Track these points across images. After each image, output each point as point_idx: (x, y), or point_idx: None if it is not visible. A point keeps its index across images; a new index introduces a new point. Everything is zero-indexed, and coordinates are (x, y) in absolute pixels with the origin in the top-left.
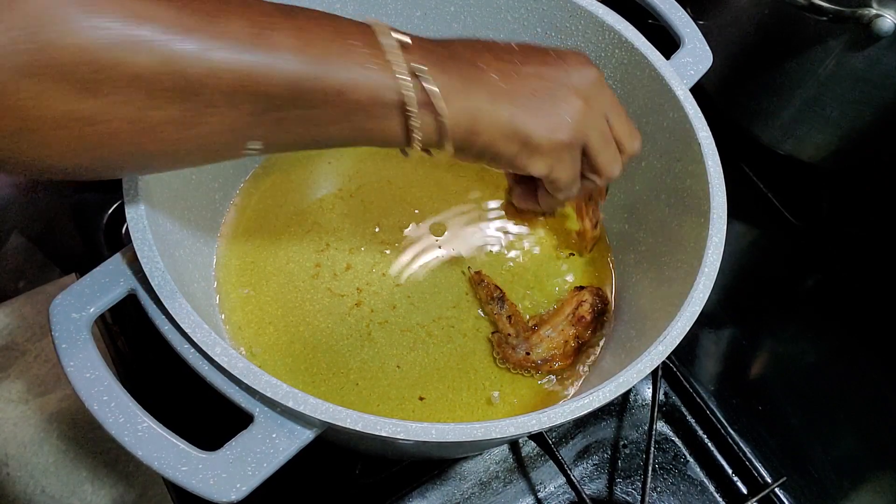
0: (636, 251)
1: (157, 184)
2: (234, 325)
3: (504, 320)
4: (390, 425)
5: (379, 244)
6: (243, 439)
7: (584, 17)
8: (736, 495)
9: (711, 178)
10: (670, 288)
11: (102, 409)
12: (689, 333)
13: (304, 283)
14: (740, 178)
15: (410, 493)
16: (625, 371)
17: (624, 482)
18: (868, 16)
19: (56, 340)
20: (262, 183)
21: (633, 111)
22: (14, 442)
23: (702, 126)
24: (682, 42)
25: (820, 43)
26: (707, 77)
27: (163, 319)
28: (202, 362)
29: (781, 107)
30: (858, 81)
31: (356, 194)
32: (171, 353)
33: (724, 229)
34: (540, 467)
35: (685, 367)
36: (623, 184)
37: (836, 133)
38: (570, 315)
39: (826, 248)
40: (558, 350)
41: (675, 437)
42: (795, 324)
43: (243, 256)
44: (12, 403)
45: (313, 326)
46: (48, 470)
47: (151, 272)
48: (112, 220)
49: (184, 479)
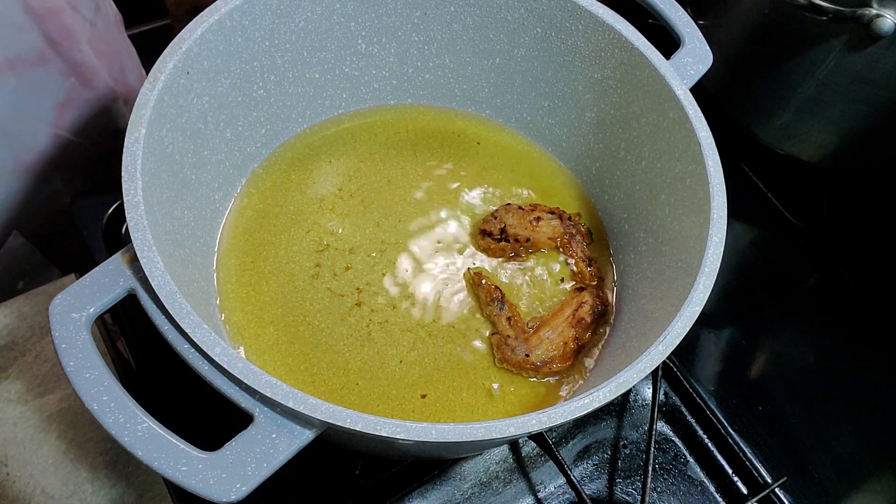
0: (636, 251)
1: (157, 184)
2: (234, 325)
3: (503, 321)
4: (390, 425)
5: (379, 244)
6: (243, 439)
7: (584, 17)
8: (736, 495)
9: (711, 178)
10: (670, 288)
11: (102, 409)
12: (689, 333)
13: (304, 283)
14: (740, 178)
15: (410, 493)
16: (625, 371)
17: (624, 482)
18: (868, 16)
19: (56, 340)
20: (262, 183)
21: (633, 111)
22: (14, 442)
23: (702, 126)
24: (682, 42)
25: (820, 43)
26: (707, 77)
27: (163, 319)
28: (202, 362)
29: (781, 107)
30: (858, 81)
31: (356, 194)
32: (171, 353)
33: (724, 229)
34: (540, 467)
35: (685, 367)
36: (623, 184)
37: (836, 133)
38: (569, 317)
39: (826, 248)
40: (558, 352)
41: (675, 437)
42: (795, 324)
43: (243, 256)
44: (12, 403)
45: (313, 326)
46: (48, 470)
47: (151, 272)
48: (112, 220)
49: (184, 479)
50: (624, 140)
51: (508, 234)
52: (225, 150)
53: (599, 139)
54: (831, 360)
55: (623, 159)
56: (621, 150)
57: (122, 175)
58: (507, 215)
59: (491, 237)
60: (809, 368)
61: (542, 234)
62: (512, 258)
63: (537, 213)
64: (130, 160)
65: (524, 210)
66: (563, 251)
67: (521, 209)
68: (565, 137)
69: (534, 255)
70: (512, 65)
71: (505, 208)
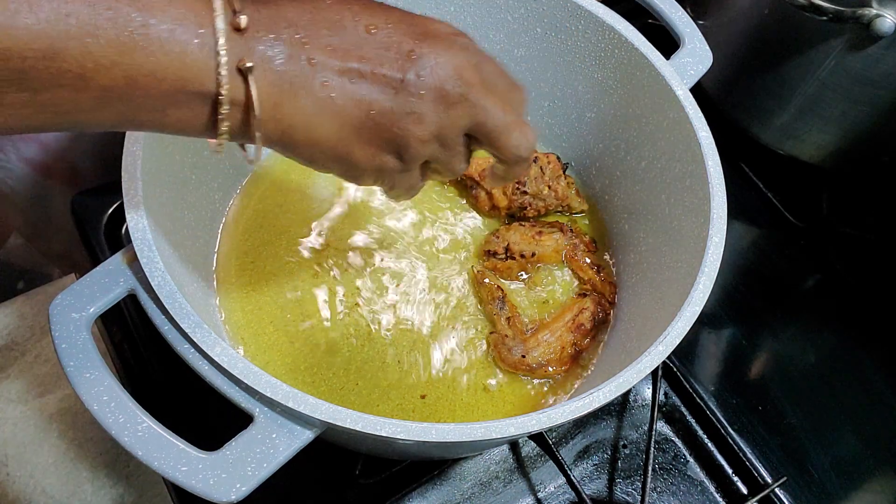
0: (636, 251)
1: (158, 184)
2: (233, 325)
3: (503, 321)
4: (390, 425)
5: (379, 244)
6: (243, 439)
7: (584, 17)
8: (736, 495)
9: (711, 178)
10: (670, 288)
11: (102, 409)
12: (689, 333)
13: (304, 283)
14: (740, 178)
15: (410, 493)
16: (625, 371)
17: (624, 482)
18: (868, 16)
19: (56, 340)
20: (262, 183)
21: (633, 111)
22: (14, 442)
23: (702, 126)
24: (682, 42)
25: (820, 43)
26: (707, 77)
27: (163, 319)
28: (202, 362)
29: (781, 107)
30: (858, 81)
31: (356, 194)
32: (171, 353)
33: (724, 229)
34: (540, 467)
35: (685, 367)
36: (623, 184)
37: (836, 133)
38: (569, 322)
39: (826, 248)
40: (554, 355)
41: (675, 437)
42: (795, 324)
43: (243, 257)
44: (12, 403)
45: (313, 326)
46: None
47: (151, 272)
48: (112, 220)
49: (184, 479)
50: (624, 140)
51: (513, 252)
52: (225, 151)
53: (599, 139)
54: (831, 360)
55: (623, 159)
56: (621, 150)
57: (122, 175)
58: (508, 233)
59: (496, 257)
60: (809, 368)
61: (547, 247)
62: (520, 276)
63: (538, 227)
64: (130, 160)
65: (524, 226)
66: (569, 262)
67: (522, 226)
68: (565, 137)
69: (542, 269)
70: (511, 65)
71: (506, 227)
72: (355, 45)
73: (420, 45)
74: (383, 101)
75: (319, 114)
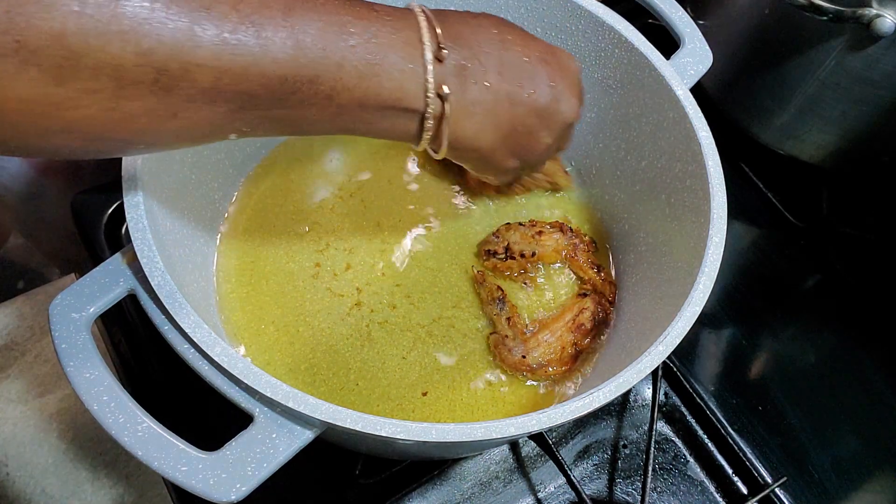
0: (636, 251)
1: (157, 184)
2: (233, 325)
3: (503, 321)
4: (390, 425)
5: (379, 244)
6: (243, 439)
7: (584, 17)
8: (736, 495)
9: (711, 178)
10: (670, 288)
11: (102, 409)
12: (689, 333)
13: (304, 283)
14: (740, 178)
15: (410, 493)
16: (625, 371)
17: (624, 482)
18: (868, 16)
19: (56, 340)
20: (262, 183)
21: (633, 111)
22: (14, 442)
23: (702, 126)
24: (682, 42)
25: (820, 43)
26: (707, 77)
27: (163, 319)
28: (202, 362)
29: (781, 107)
30: (858, 81)
31: (356, 194)
32: (171, 353)
33: (724, 229)
34: (540, 467)
35: (685, 367)
36: (623, 184)
37: (836, 133)
38: (570, 321)
39: (826, 248)
40: (555, 355)
41: (675, 437)
42: (795, 324)
43: (243, 256)
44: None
45: (313, 326)
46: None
47: (151, 272)
48: (112, 220)
49: (184, 480)
50: (624, 140)
51: (513, 252)
52: (225, 150)
53: (599, 139)
54: (831, 360)
55: (623, 159)
56: (621, 150)
57: (122, 175)
58: (508, 233)
59: (496, 256)
60: (809, 368)
61: (547, 247)
62: (520, 275)
63: (538, 227)
64: (130, 160)
65: (525, 226)
66: (570, 262)
67: (522, 226)
68: None
69: (542, 269)
70: None
71: (506, 227)
72: (517, 74)
73: (560, 80)
74: (530, 122)
75: (485, 126)
